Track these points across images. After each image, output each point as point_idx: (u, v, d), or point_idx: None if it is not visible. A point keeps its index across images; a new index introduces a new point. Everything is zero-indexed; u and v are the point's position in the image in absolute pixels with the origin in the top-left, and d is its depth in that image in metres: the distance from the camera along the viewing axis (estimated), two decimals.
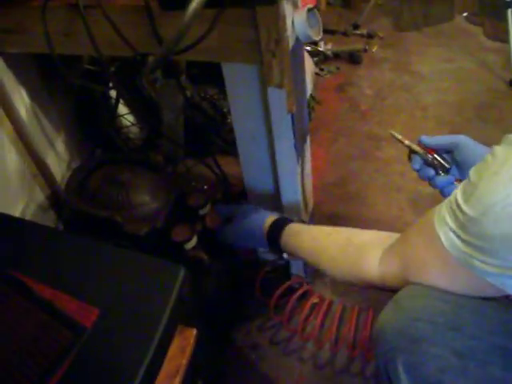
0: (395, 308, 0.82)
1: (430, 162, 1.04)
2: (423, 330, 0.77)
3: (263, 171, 1.25)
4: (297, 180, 1.22)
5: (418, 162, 1.06)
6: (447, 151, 1.05)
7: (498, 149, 0.64)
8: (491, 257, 0.62)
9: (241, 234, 1.23)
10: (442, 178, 1.03)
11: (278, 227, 1.16)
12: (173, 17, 0.85)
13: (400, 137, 1.08)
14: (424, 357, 0.76)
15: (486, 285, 0.66)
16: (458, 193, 0.66)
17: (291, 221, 1.17)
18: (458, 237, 0.65)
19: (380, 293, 0.94)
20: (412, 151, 1.07)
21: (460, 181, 1.02)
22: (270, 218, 1.19)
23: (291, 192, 1.25)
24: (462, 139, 1.03)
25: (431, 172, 1.04)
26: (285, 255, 1.17)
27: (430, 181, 1.05)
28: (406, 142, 1.07)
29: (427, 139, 1.05)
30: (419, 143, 1.06)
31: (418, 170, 1.07)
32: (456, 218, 0.65)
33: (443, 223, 0.69)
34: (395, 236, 0.90)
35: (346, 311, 1.42)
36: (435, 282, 0.78)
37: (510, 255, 0.60)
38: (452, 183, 1.03)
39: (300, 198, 1.28)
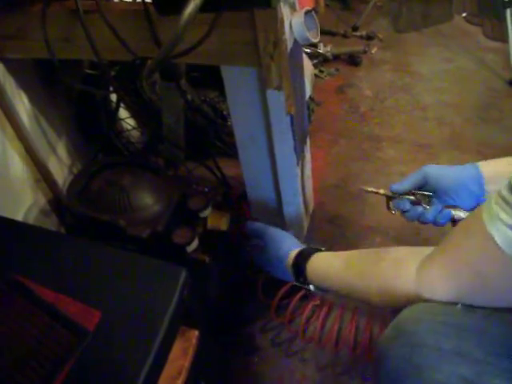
0: (397, 332, 0.79)
1: (414, 200, 1.03)
2: (428, 356, 0.74)
3: (263, 173, 1.25)
4: (297, 182, 1.23)
5: (405, 203, 1.04)
6: (420, 187, 1.04)
7: None
8: None
9: (265, 262, 1.20)
10: (432, 211, 1.01)
11: (303, 259, 1.11)
12: (171, 21, 0.86)
13: (372, 189, 1.05)
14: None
15: None
16: (510, 180, 0.59)
17: (317, 250, 1.12)
18: None
19: None
20: (390, 198, 1.05)
21: (448, 206, 1.03)
22: (295, 250, 1.14)
23: (291, 194, 1.26)
24: (428, 170, 1.01)
25: (419, 208, 1.03)
26: (311, 287, 1.12)
27: (420, 217, 1.03)
28: (381, 192, 1.05)
29: (398, 186, 1.03)
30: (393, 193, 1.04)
31: (407, 211, 1.05)
32: None
33: (496, 219, 0.61)
34: (431, 248, 0.84)
35: (347, 312, 1.42)
36: (494, 290, 0.71)
37: None
38: (440, 211, 1.01)
39: (300, 199, 1.29)
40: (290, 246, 1.16)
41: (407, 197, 1.03)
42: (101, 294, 0.87)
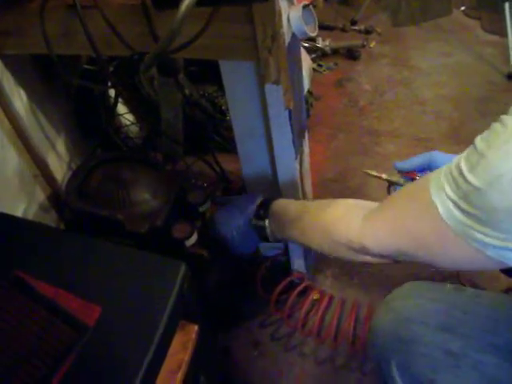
0: (387, 309, 0.81)
1: None
2: (415, 331, 0.76)
3: (262, 168, 1.25)
4: (296, 176, 1.23)
5: None
6: (424, 170, 1.05)
7: (508, 118, 0.59)
8: (494, 229, 0.58)
9: (229, 216, 1.16)
10: None
11: (267, 201, 1.11)
12: (169, 16, 0.86)
13: (376, 173, 1.04)
14: (416, 357, 0.76)
15: (484, 258, 0.62)
16: (461, 160, 0.61)
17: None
18: (458, 207, 0.61)
19: (380, 288, 0.94)
20: (391, 183, 1.05)
21: None
22: (260, 198, 1.13)
23: (290, 188, 1.26)
24: (435, 155, 1.01)
25: None
26: (267, 223, 1.08)
27: None
28: (384, 176, 1.04)
29: (402, 164, 1.02)
30: (396, 171, 1.03)
31: None
32: (457, 187, 0.61)
33: (441, 191, 0.64)
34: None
35: (345, 306, 1.42)
36: (429, 253, 0.73)
37: None
38: None
39: (299, 194, 1.29)
40: (256, 197, 1.14)
41: (409, 183, 1.03)
42: (100, 289, 0.87)
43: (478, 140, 0.61)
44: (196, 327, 0.95)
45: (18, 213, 1.27)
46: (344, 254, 0.88)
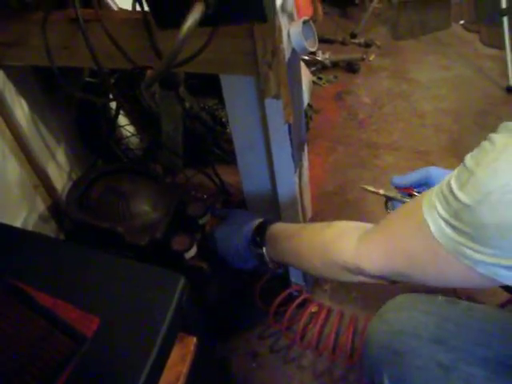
0: (380, 321, 0.82)
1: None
2: (408, 343, 0.77)
3: (262, 180, 1.26)
4: (295, 189, 1.24)
5: (398, 206, 1.04)
6: (420, 185, 1.05)
7: (496, 136, 0.61)
8: (484, 245, 0.59)
9: (228, 235, 1.18)
10: None
11: (263, 225, 1.11)
12: (171, 30, 0.87)
13: (373, 189, 1.05)
14: (409, 369, 0.77)
15: (475, 275, 0.62)
16: (451, 179, 0.62)
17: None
18: (449, 224, 0.62)
19: (378, 302, 0.94)
20: (389, 198, 1.05)
21: None
22: (259, 219, 1.14)
23: (289, 201, 1.26)
24: (433, 170, 1.02)
25: None
26: (264, 251, 1.09)
27: None
28: (381, 192, 1.05)
29: (399, 180, 1.03)
30: (393, 186, 1.03)
31: None
32: (448, 205, 0.62)
33: (433, 210, 0.65)
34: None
35: (344, 319, 1.42)
36: (423, 273, 0.74)
37: (504, 244, 0.57)
38: None
39: (298, 206, 1.29)
40: (252, 218, 1.15)
41: (406, 198, 1.04)
42: (99, 300, 0.87)
43: (468, 158, 0.62)
44: (195, 339, 0.95)
45: (18, 223, 1.28)
46: (340, 276, 0.89)
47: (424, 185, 1.03)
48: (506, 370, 0.76)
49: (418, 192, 1.02)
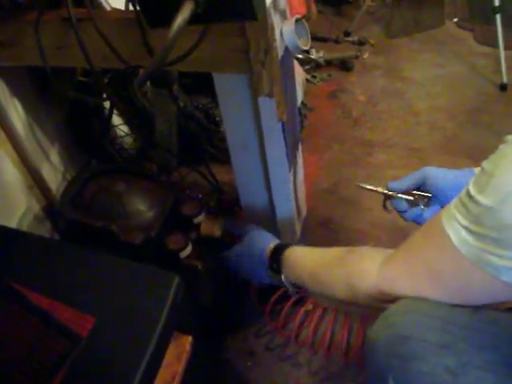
0: (385, 325, 0.81)
1: (412, 201, 1.03)
2: (414, 348, 0.76)
3: (256, 179, 1.26)
4: (289, 187, 1.24)
5: (402, 204, 1.05)
6: (417, 187, 1.05)
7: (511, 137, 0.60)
8: (507, 249, 0.58)
9: (244, 257, 1.20)
10: (429, 212, 1.02)
11: (279, 250, 1.12)
12: (164, 30, 0.87)
13: (371, 187, 1.05)
14: (415, 375, 0.76)
15: (500, 285, 0.62)
16: (470, 186, 0.63)
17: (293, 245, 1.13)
18: (471, 232, 0.62)
19: None
20: (387, 196, 1.05)
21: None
22: (274, 242, 1.15)
23: (284, 199, 1.26)
24: (428, 171, 1.02)
25: (417, 209, 1.04)
26: (283, 277, 1.11)
27: (417, 218, 1.04)
28: (380, 190, 1.05)
29: (396, 184, 1.03)
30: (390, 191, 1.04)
31: (405, 211, 1.05)
32: (468, 212, 0.62)
33: (453, 221, 0.65)
34: None
35: (339, 317, 1.43)
36: (447, 288, 0.74)
37: None
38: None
39: (293, 204, 1.29)
40: (268, 241, 1.17)
41: (405, 196, 1.03)
42: (94, 300, 0.87)
43: (485, 163, 0.62)
44: (190, 338, 0.95)
45: (13, 223, 1.28)
46: (366, 303, 0.90)
47: (422, 186, 1.03)
48: None
49: (420, 193, 1.02)
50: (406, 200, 1.03)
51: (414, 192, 1.03)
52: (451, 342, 0.75)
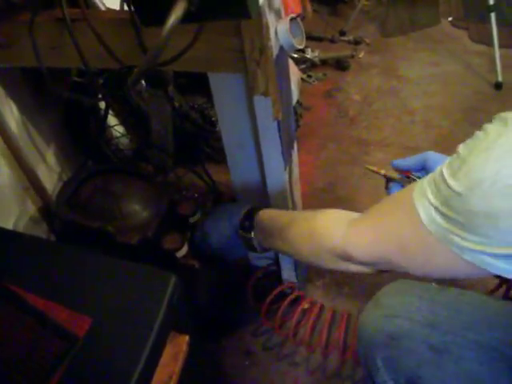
0: (374, 305, 0.83)
1: (409, 184, 1.05)
2: (400, 326, 0.78)
3: (252, 178, 1.26)
4: (285, 186, 1.24)
5: (396, 188, 1.06)
6: (419, 170, 1.07)
7: (489, 126, 0.61)
8: (472, 233, 0.59)
9: (216, 225, 1.18)
10: None
11: (251, 212, 1.11)
12: (158, 29, 0.87)
13: (375, 168, 1.07)
14: (401, 352, 0.78)
15: (462, 263, 0.63)
16: (444, 167, 0.63)
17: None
18: (439, 212, 0.62)
19: (370, 297, 0.95)
20: (389, 179, 1.07)
21: None
22: (247, 206, 1.15)
23: (280, 198, 1.26)
24: (430, 155, 1.03)
25: None
26: (253, 235, 1.09)
27: None
28: (382, 172, 1.07)
29: (399, 162, 1.04)
30: (393, 167, 1.06)
31: None
32: (439, 192, 0.62)
33: (424, 198, 0.65)
34: None
35: (336, 315, 1.43)
36: (410, 260, 0.74)
37: (492, 232, 0.57)
38: None
39: (289, 204, 1.29)
40: (240, 207, 1.15)
41: (405, 180, 1.06)
42: (91, 300, 0.87)
43: (461, 147, 0.63)
44: (187, 338, 0.95)
45: (9, 225, 1.27)
46: (327, 263, 0.89)
47: (422, 169, 1.05)
48: (496, 354, 0.77)
49: (418, 177, 1.04)
50: (403, 185, 1.06)
51: (413, 176, 1.05)
52: (436, 321, 0.77)
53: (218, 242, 1.18)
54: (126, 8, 0.92)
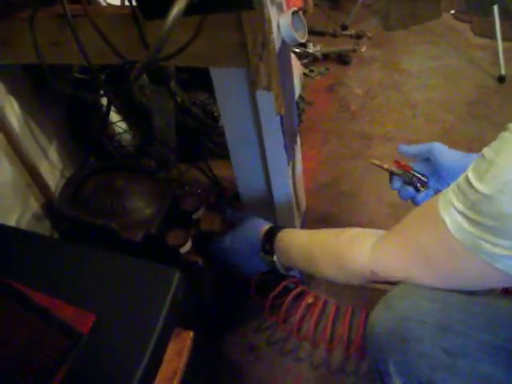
0: (385, 308, 0.82)
1: (409, 180, 1.07)
2: (413, 329, 0.77)
3: (255, 174, 1.26)
4: (288, 181, 1.23)
5: (397, 182, 1.09)
6: (424, 159, 1.07)
7: None
8: (503, 238, 0.58)
9: (236, 243, 1.20)
10: (422, 195, 1.05)
11: (272, 232, 1.13)
12: (160, 24, 0.86)
13: (378, 162, 1.11)
14: (414, 356, 0.76)
15: (493, 272, 0.62)
16: (469, 172, 0.62)
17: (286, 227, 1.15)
18: (467, 218, 0.61)
19: (374, 292, 0.95)
20: (392, 173, 1.10)
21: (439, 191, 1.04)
22: (267, 225, 1.17)
23: (283, 193, 1.26)
24: (437, 145, 1.03)
25: (411, 190, 1.06)
26: (275, 258, 1.12)
27: (412, 199, 1.07)
28: (386, 166, 1.10)
29: (406, 147, 1.07)
30: (396, 161, 1.10)
31: (398, 189, 1.09)
32: (465, 198, 0.61)
33: (449, 206, 0.65)
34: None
35: (340, 311, 1.43)
36: (439, 272, 0.74)
37: None
38: (430, 196, 1.05)
39: (292, 199, 1.29)
40: (261, 224, 1.18)
41: (407, 174, 1.08)
42: (95, 297, 0.87)
43: (486, 150, 0.62)
44: (191, 334, 0.95)
45: (12, 222, 1.27)
46: (358, 283, 0.92)
47: (426, 159, 1.05)
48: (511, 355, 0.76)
49: (420, 174, 1.07)
50: (404, 180, 1.08)
51: (412, 172, 1.06)
52: (450, 324, 0.76)
53: (237, 260, 1.21)
54: (126, 3, 0.91)
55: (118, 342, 0.80)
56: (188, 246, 1.18)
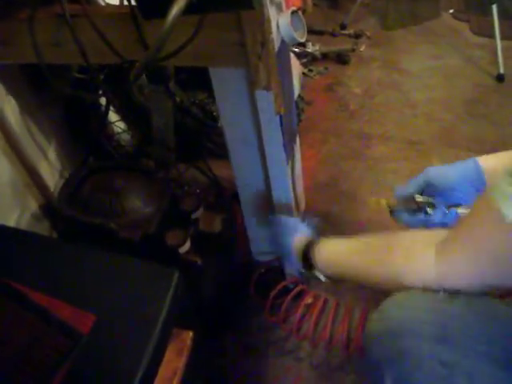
0: (382, 318, 0.81)
1: (416, 208, 1.04)
2: (409, 342, 0.76)
3: (254, 173, 1.25)
4: (287, 181, 1.23)
5: (403, 216, 1.06)
6: (422, 190, 1.05)
7: None
8: None
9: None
10: (437, 214, 1.02)
11: (308, 248, 1.10)
12: (159, 23, 0.86)
13: (377, 205, 1.08)
14: (411, 369, 0.76)
15: None
16: None
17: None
18: None
19: (373, 291, 0.94)
20: (392, 211, 1.08)
21: (451, 206, 1.03)
22: (301, 238, 1.14)
23: (282, 193, 1.26)
24: (431, 171, 1.02)
25: (422, 217, 1.03)
26: (317, 273, 1.10)
27: (426, 223, 1.04)
28: (383, 203, 1.07)
29: (401, 190, 1.04)
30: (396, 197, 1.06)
31: (409, 222, 1.06)
32: None
33: (506, 197, 0.62)
34: (443, 233, 0.83)
35: (339, 310, 1.42)
36: (507, 271, 0.71)
37: None
38: (446, 213, 1.02)
39: (291, 198, 1.29)
40: (296, 231, 1.15)
41: (409, 206, 1.04)
42: (95, 297, 0.87)
43: None
44: (191, 334, 0.95)
45: (11, 222, 1.27)
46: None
47: (427, 187, 1.03)
48: (510, 366, 0.75)
49: (425, 198, 1.03)
50: (410, 209, 1.05)
51: (417, 200, 1.04)
52: (446, 335, 0.75)
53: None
54: (125, 2, 0.91)
55: (118, 342, 0.80)
56: (187, 245, 1.18)
